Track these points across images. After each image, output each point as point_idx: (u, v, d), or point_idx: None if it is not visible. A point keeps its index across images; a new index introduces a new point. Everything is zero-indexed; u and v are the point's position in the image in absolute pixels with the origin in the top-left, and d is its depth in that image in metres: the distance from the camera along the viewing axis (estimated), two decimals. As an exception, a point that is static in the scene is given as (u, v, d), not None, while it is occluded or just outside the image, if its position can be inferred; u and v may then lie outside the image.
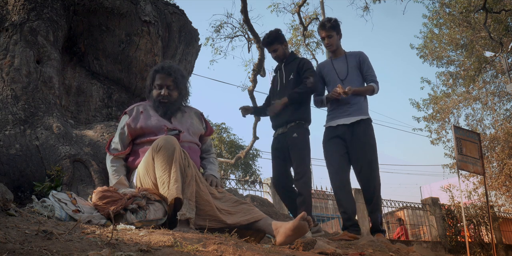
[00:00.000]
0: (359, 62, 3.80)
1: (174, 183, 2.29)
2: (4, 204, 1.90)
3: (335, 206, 12.04)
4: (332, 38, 3.78)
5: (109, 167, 2.70)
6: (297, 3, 10.79)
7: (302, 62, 3.79)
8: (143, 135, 2.70)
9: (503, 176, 13.10)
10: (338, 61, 3.84)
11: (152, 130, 2.68)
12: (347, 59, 3.82)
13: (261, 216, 2.38)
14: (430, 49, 14.66)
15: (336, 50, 3.86)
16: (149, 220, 2.25)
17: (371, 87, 3.73)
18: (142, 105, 2.82)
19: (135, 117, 2.73)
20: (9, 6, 3.23)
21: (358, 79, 3.78)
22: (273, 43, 3.81)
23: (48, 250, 1.31)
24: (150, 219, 2.25)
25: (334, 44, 3.81)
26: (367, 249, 2.62)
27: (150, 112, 2.77)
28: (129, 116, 2.75)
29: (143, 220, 2.23)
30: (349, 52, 3.88)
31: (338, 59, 3.86)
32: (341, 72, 3.79)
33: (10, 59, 3.05)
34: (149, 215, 2.27)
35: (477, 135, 7.36)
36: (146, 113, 2.75)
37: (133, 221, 2.21)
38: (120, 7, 3.48)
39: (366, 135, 3.61)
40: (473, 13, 11.78)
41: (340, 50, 3.88)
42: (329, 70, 3.86)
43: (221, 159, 14.57)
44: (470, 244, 10.14)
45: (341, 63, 3.82)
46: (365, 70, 3.79)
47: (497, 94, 14.63)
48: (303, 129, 3.65)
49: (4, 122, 2.86)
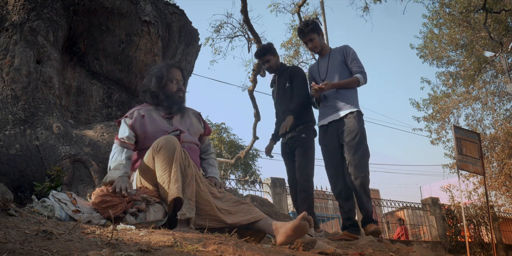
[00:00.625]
0: (343, 56, 3.76)
1: (175, 183, 2.29)
2: (4, 204, 1.90)
3: (335, 206, 12.05)
4: (314, 41, 3.79)
5: (112, 152, 2.59)
6: (297, 3, 10.79)
7: (293, 71, 3.96)
8: (144, 139, 2.67)
9: (503, 176, 13.10)
10: (323, 61, 3.86)
11: (153, 135, 2.65)
12: (330, 57, 3.80)
13: (261, 216, 2.38)
14: (430, 49, 14.66)
15: (321, 50, 3.86)
16: (149, 222, 2.25)
17: (355, 78, 3.67)
18: (143, 109, 2.74)
19: (137, 119, 2.67)
20: (9, 6, 3.23)
21: (344, 73, 3.72)
22: (266, 54, 3.96)
23: (48, 250, 1.31)
24: (150, 221, 2.25)
25: (318, 46, 3.81)
26: (367, 249, 2.62)
27: (153, 115, 2.71)
28: (130, 119, 2.67)
29: (143, 222, 2.23)
30: (334, 49, 3.87)
31: (323, 58, 3.86)
32: (323, 71, 3.81)
33: (10, 59, 3.05)
34: (149, 217, 2.27)
35: (477, 135, 7.37)
36: (149, 117, 2.69)
37: (132, 223, 2.21)
38: (120, 7, 3.49)
39: (354, 127, 3.57)
40: (473, 13, 11.78)
41: (325, 49, 3.88)
42: (315, 72, 3.90)
43: (221, 159, 14.57)
44: (470, 244, 10.14)
45: (324, 62, 3.83)
46: (350, 62, 3.74)
47: (497, 94, 14.63)
48: (312, 131, 3.81)
49: (4, 122, 2.86)
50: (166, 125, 2.70)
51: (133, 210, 2.25)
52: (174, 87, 2.77)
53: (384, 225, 13.08)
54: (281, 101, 3.90)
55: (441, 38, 14.44)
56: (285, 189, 9.53)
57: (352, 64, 3.73)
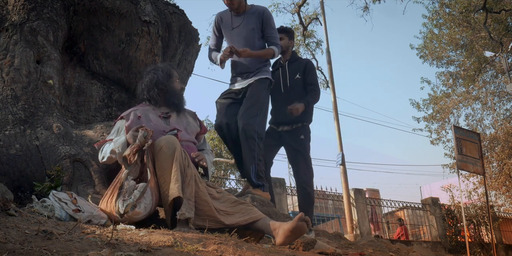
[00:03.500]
0: (261, 22, 3.50)
1: (175, 182, 2.29)
2: (4, 204, 1.90)
3: (335, 206, 12.06)
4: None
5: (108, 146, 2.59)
6: (297, 3, 10.79)
7: (309, 65, 3.94)
8: None
9: (503, 176, 13.10)
10: (236, 19, 3.57)
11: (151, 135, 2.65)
12: (245, 17, 3.52)
13: (260, 216, 2.39)
14: (430, 49, 14.65)
15: (238, 7, 3.53)
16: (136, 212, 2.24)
17: (271, 50, 3.49)
18: (139, 110, 2.75)
19: (133, 121, 2.65)
20: (9, 6, 3.23)
21: (255, 41, 3.51)
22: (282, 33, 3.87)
23: (48, 250, 1.31)
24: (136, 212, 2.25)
25: (235, 3, 3.48)
26: (367, 249, 2.62)
27: (149, 115, 2.71)
28: (126, 120, 2.67)
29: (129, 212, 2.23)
30: (251, 9, 3.56)
31: (237, 16, 3.56)
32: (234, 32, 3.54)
33: (10, 59, 3.05)
34: (137, 208, 2.26)
35: (477, 135, 7.37)
36: (145, 117, 2.69)
37: (120, 210, 2.22)
38: (120, 7, 3.49)
39: (254, 91, 3.46)
40: (473, 13, 11.78)
41: (242, 6, 3.55)
42: (226, 26, 3.60)
43: (221, 159, 14.55)
44: (470, 244, 10.14)
45: (238, 21, 3.54)
46: (267, 31, 3.51)
47: (497, 94, 14.63)
48: (308, 131, 3.86)
49: (4, 122, 2.86)
50: (163, 125, 2.71)
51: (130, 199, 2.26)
52: (178, 86, 2.86)
53: (384, 225, 13.08)
54: (288, 91, 3.82)
55: (441, 38, 14.43)
56: (285, 189, 9.53)
57: (269, 33, 3.52)
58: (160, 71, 2.83)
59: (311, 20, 11.30)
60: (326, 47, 9.77)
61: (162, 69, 2.85)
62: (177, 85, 2.86)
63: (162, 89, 2.79)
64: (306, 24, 11.21)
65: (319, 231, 3.77)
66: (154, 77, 2.81)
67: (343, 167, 8.69)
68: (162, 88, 2.79)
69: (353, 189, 10.17)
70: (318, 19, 11.08)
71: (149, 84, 2.81)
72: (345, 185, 8.71)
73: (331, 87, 9.55)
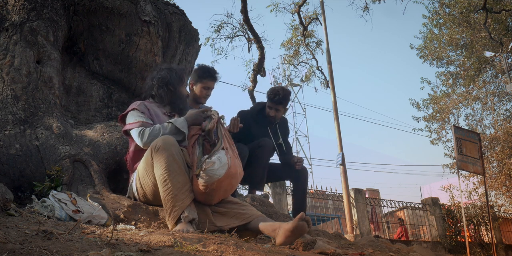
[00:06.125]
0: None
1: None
2: (4, 204, 1.90)
3: (335, 206, 12.06)
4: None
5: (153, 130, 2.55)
6: (297, 3, 10.78)
7: (286, 124, 4.05)
8: None
9: (503, 176, 13.10)
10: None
11: None
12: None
13: (253, 217, 2.38)
14: (430, 49, 14.64)
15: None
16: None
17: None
18: (146, 104, 2.79)
19: (145, 112, 2.70)
20: (9, 6, 3.23)
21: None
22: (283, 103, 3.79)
23: (48, 250, 1.31)
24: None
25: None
26: (367, 249, 2.62)
27: (156, 110, 2.78)
28: (139, 110, 2.69)
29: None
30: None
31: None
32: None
33: (10, 59, 3.05)
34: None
35: (477, 135, 7.36)
36: (153, 111, 2.75)
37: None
38: (120, 7, 3.48)
39: None
40: (473, 13, 11.78)
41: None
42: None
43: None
44: (470, 244, 10.15)
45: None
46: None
47: (497, 94, 14.62)
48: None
49: (4, 122, 2.86)
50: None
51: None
52: (186, 92, 2.94)
53: (384, 225, 13.08)
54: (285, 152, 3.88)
55: (441, 38, 14.42)
56: (285, 189, 9.53)
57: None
58: (174, 73, 2.85)
59: (311, 20, 11.29)
60: (326, 47, 9.78)
61: (176, 71, 2.87)
62: (185, 91, 2.93)
63: (171, 90, 2.82)
64: (306, 24, 11.20)
65: (319, 231, 3.77)
66: (167, 76, 2.83)
67: (343, 167, 8.70)
68: (171, 89, 2.82)
69: (353, 189, 10.17)
70: (318, 19, 11.07)
71: (160, 82, 2.83)
72: (345, 185, 8.71)
73: (331, 87, 9.55)
